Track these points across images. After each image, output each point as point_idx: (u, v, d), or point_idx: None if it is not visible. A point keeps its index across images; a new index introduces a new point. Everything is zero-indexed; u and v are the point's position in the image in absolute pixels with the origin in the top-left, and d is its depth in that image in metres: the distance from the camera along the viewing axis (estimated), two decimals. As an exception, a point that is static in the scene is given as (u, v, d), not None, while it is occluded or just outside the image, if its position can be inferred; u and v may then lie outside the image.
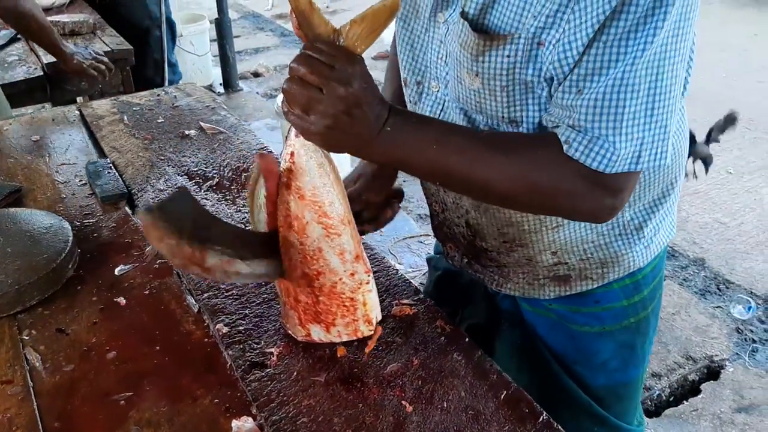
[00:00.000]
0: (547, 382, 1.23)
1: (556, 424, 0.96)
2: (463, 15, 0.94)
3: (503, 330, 1.29)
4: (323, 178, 0.96)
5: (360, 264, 1.01)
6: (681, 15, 0.83)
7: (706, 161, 2.84)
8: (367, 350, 1.09)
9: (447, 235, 1.25)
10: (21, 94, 2.63)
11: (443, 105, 1.08)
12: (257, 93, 5.70)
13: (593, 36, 0.83)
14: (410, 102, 1.15)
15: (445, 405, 1.00)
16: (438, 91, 1.08)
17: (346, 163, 3.61)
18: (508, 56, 0.91)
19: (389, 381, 1.04)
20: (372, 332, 1.06)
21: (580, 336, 1.20)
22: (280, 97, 4.09)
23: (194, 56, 5.45)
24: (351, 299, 1.03)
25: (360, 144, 0.87)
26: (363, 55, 0.88)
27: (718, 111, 5.07)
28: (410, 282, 1.25)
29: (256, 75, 6.14)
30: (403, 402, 1.00)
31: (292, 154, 0.96)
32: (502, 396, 1.01)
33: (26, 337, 1.16)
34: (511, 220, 1.10)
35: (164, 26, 3.64)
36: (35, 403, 1.03)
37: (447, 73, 1.04)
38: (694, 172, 2.93)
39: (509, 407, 0.99)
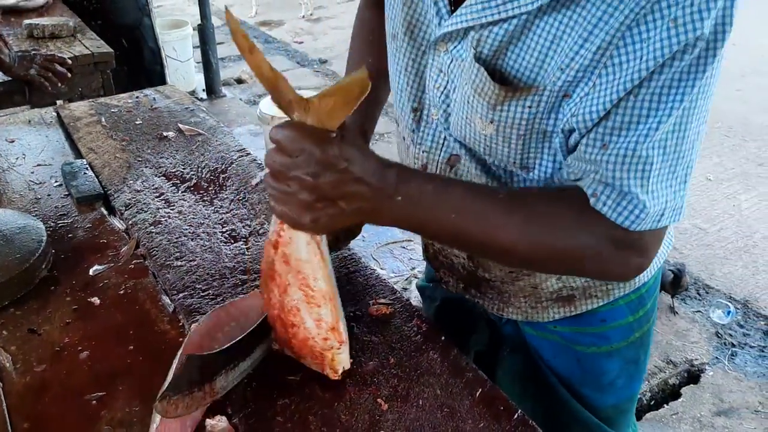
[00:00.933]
0: (553, 407, 1.20)
1: (531, 421, 0.95)
2: (477, 58, 0.87)
3: (504, 356, 1.25)
4: (310, 255, 0.92)
5: (334, 334, 0.97)
6: (714, 69, 0.77)
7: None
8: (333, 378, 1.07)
9: (443, 264, 1.20)
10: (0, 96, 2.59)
11: (445, 136, 1.02)
12: (240, 99, 5.68)
13: (626, 92, 0.78)
14: (407, 129, 1.09)
15: (421, 403, 0.99)
16: (437, 119, 1.02)
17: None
18: (530, 107, 0.86)
19: (365, 380, 1.04)
20: (338, 378, 1.03)
21: (587, 357, 1.17)
22: (263, 103, 4.08)
23: (177, 62, 5.43)
24: (321, 354, 1.00)
25: (364, 216, 0.84)
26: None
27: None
28: (386, 282, 1.25)
29: (240, 81, 6.13)
30: (379, 400, 1.00)
31: (281, 221, 0.91)
32: (478, 393, 1.00)
33: (-3, 338, 1.14)
34: None
35: (153, 14, 3.62)
36: (4, 404, 1.01)
37: (448, 106, 0.99)
38: (673, 306, 3.07)
39: (484, 404, 0.98)
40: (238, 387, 1.02)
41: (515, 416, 0.96)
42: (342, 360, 1.01)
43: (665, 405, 2.67)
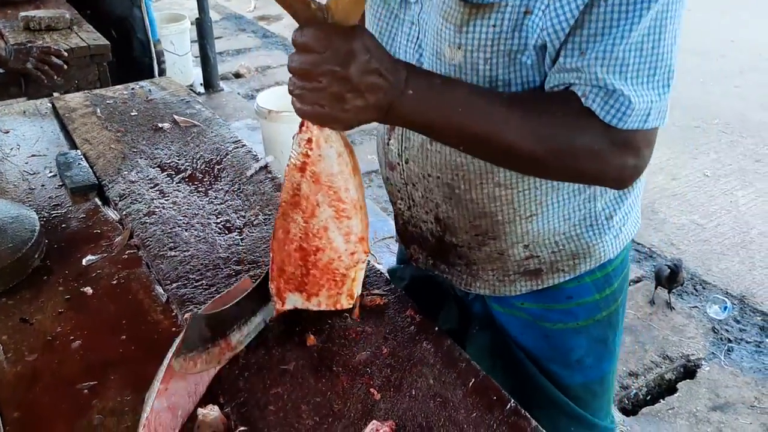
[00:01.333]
0: (522, 384, 1.21)
1: (523, 411, 0.95)
2: None
3: (473, 333, 1.26)
4: (341, 166, 0.93)
5: (362, 244, 0.98)
6: None
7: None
8: (355, 317, 1.12)
9: (413, 235, 1.22)
10: (-5, 88, 2.58)
11: None
12: (238, 93, 5.67)
13: None
14: None
15: (414, 392, 0.99)
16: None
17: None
18: (494, 26, 0.90)
19: (358, 369, 1.03)
20: (351, 305, 1.04)
21: (554, 334, 1.18)
22: (260, 97, 4.06)
23: (175, 56, 5.41)
24: (343, 275, 1.00)
25: (381, 113, 0.85)
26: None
27: (695, 114, 5.14)
28: (381, 273, 1.24)
29: (238, 76, 6.11)
30: (372, 390, 0.99)
31: (309, 140, 0.92)
32: (471, 384, 1.00)
33: (-12, 327, 1.14)
34: (485, 210, 1.08)
35: (144, 6, 3.60)
36: (-5, 393, 1.01)
37: (420, 56, 1.03)
38: (669, 301, 3.09)
39: (477, 395, 0.98)
40: (230, 376, 1.02)
41: (508, 406, 0.96)
42: (361, 279, 1.03)
43: (661, 400, 2.67)
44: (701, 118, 5.00)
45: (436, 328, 1.11)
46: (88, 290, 1.22)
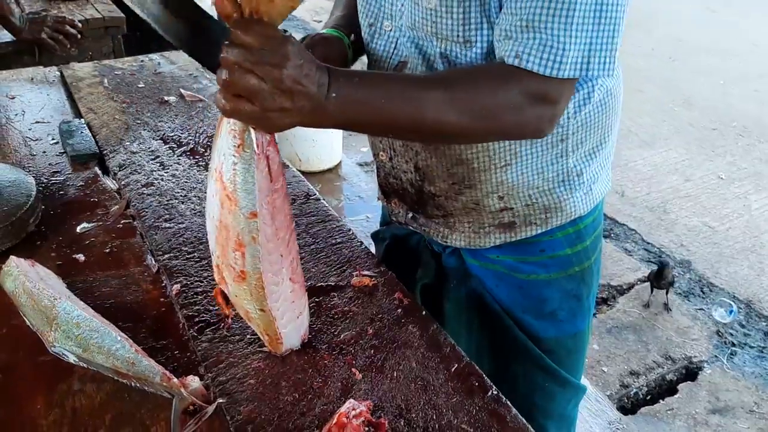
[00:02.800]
0: (499, 337, 1.25)
1: (504, 399, 0.94)
2: None
3: (451, 288, 1.29)
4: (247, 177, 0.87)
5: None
6: None
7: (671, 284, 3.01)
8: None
9: (393, 186, 1.25)
10: (9, 56, 2.59)
11: (396, 42, 1.10)
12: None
13: None
14: (365, 44, 1.17)
15: (395, 374, 0.98)
16: (390, 30, 1.10)
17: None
18: None
19: (341, 348, 1.03)
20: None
21: (528, 284, 1.22)
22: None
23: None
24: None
25: (306, 117, 0.85)
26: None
27: (713, 116, 5.08)
28: (372, 254, 1.24)
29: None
30: (353, 369, 0.99)
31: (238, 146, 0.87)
32: (453, 369, 0.99)
33: (-22, 288, 1.14)
34: (461, 157, 1.11)
35: None
36: (-22, 354, 1.01)
37: (402, 5, 1.06)
38: (666, 303, 3.07)
39: (459, 380, 0.97)
40: (212, 348, 1.02)
41: (489, 393, 0.95)
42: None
43: (661, 400, 2.65)
44: (719, 120, 4.93)
45: (423, 312, 1.10)
46: (80, 257, 1.22)
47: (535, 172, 1.13)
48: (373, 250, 1.40)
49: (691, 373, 2.76)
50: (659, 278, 2.99)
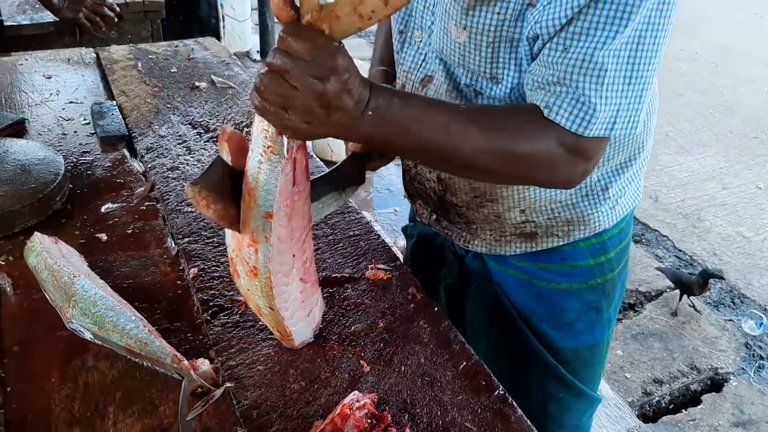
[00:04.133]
0: (515, 343, 1.24)
1: (510, 399, 0.93)
2: None
3: (472, 290, 1.29)
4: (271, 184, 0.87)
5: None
6: None
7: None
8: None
9: (418, 190, 1.24)
10: (50, 36, 2.64)
11: (425, 56, 1.08)
12: (292, 63, 5.69)
13: (588, 1, 0.83)
14: (395, 51, 1.16)
15: (403, 369, 0.98)
16: (421, 41, 1.08)
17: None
18: (498, 13, 0.92)
19: (351, 340, 1.03)
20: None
21: (547, 293, 1.20)
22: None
23: (234, 21, 5.47)
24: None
25: (340, 131, 0.85)
26: None
27: (755, 125, 4.96)
28: (389, 248, 1.23)
29: (294, 46, 6.13)
30: (362, 361, 0.99)
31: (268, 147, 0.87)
32: (461, 367, 0.98)
33: (2, 263, 1.17)
34: None
35: None
36: (-2, 325, 1.03)
37: (432, 23, 1.04)
38: (693, 304, 3.00)
39: (467, 378, 0.96)
40: (224, 333, 1.03)
41: (496, 392, 0.94)
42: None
43: (683, 410, 2.61)
44: (760, 128, 4.82)
45: (435, 308, 1.09)
46: (103, 237, 1.24)
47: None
48: (402, 243, 1.40)
49: (716, 384, 2.71)
50: (702, 287, 2.92)
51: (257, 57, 5.68)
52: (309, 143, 1.49)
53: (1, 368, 0.96)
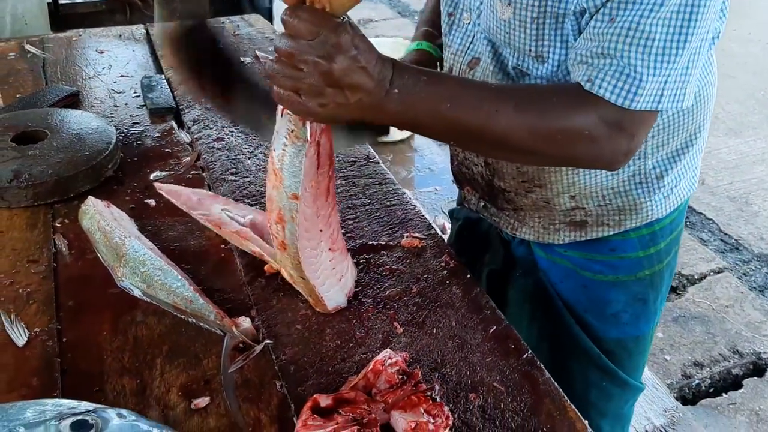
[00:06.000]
0: (558, 331, 1.24)
1: (538, 362, 0.96)
2: None
3: (517, 277, 1.29)
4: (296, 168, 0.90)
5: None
6: None
7: None
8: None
9: (466, 176, 1.24)
10: (102, 14, 2.73)
11: (473, 38, 1.07)
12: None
13: None
14: (443, 34, 1.15)
15: (435, 331, 1.01)
16: (469, 23, 1.07)
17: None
18: None
19: (386, 303, 1.07)
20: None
21: (593, 284, 1.19)
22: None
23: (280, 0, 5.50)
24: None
25: (364, 111, 0.83)
26: None
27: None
28: (425, 218, 1.26)
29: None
30: (395, 323, 1.02)
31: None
32: (491, 330, 1.01)
33: (58, 225, 1.24)
34: None
35: None
36: (54, 282, 1.10)
37: (481, 3, 1.04)
38: None
39: (496, 341, 0.99)
40: (265, 294, 1.07)
41: (524, 356, 0.97)
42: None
43: (724, 394, 2.58)
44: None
45: (468, 276, 1.12)
46: (152, 202, 1.30)
47: (608, 174, 1.08)
48: (441, 221, 1.41)
49: (758, 369, 2.68)
50: None
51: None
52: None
53: (57, 321, 1.02)
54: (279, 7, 4.29)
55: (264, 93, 1.00)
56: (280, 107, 0.89)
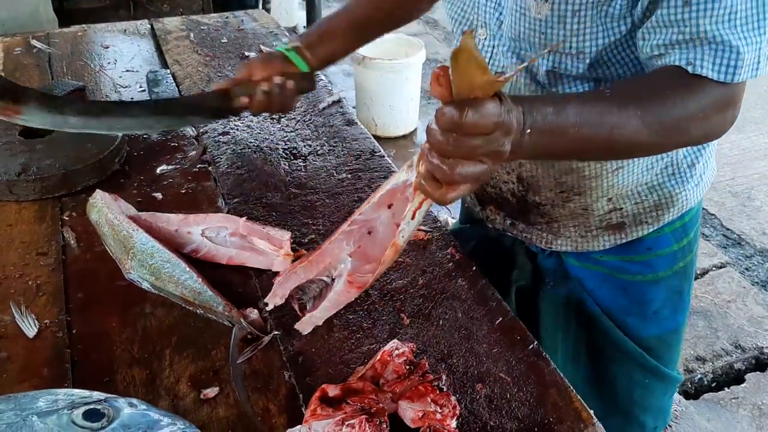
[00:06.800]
0: (597, 337, 1.23)
1: (544, 353, 0.96)
2: None
3: (548, 290, 1.27)
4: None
5: None
6: None
7: None
8: None
9: (491, 195, 1.22)
10: (107, 9, 2.74)
11: (491, 53, 1.07)
12: (339, 39, 5.71)
13: None
14: None
15: (441, 323, 1.02)
16: (485, 38, 1.06)
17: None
18: None
19: (392, 295, 1.07)
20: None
21: (633, 286, 1.19)
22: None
23: (281, -4, 5.51)
24: None
25: (499, 164, 0.83)
26: None
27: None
28: (430, 211, 1.26)
29: (341, 22, 6.15)
30: (402, 315, 1.03)
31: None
32: (497, 322, 1.02)
33: (66, 218, 1.25)
34: (571, 167, 1.08)
35: None
36: (63, 274, 1.11)
37: (500, 14, 1.03)
38: None
39: (502, 332, 1.00)
40: (272, 285, 1.08)
41: (530, 347, 0.98)
42: None
43: (726, 388, 2.59)
44: None
45: (474, 268, 1.13)
46: (159, 196, 1.31)
47: (645, 168, 1.09)
48: (444, 216, 1.39)
49: (761, 363, 2.68)
50: None
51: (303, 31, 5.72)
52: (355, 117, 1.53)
53: (67, 313, 1.03)
54: (276, 2, 4.23)
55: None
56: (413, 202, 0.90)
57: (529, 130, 0.80)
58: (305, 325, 1.01)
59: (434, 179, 0.79)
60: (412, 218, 0.91)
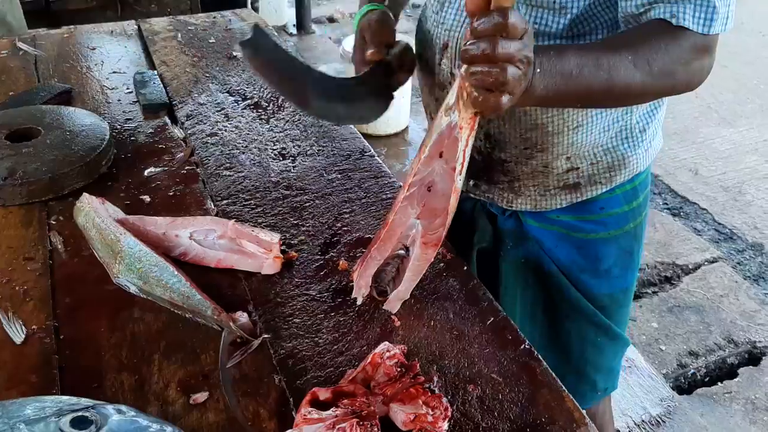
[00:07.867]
0: (553, 295, 1.29)
1: (536, 353, 0.96)
2: None
3: (507, 250, 1.32)
4: None
5: None
6: None
7: None
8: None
9: None
10: (93, 11, 2.72)
11: (465, 16, 1.09)
12: (329, 38, 5.71)
13: None
14: (431, 12, 1.17)
15: (432, 323, 1.01)
16: None
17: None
18: None
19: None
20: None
21: (587, 243, 1.25)
22: (347, 41, 4.08)
23: (270, -5, 5.49)
24: None
25: (520, 95, 0.85)
26: None
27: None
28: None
29: (331, 20, 6.14)
30: (393, 316, 1.03)
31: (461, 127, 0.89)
32: (489, 322, 1.01)
33: (53, 222, 1.23)
34: (536, 122, 1.12)
35: None
36: (51, 279, 1.09)
37: None
38: None
39: (493, 332, 1.00)
40: (263, 288, 1.07)
41: (522, 347, 0.97)
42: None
43: (719, 383, 2.60)
44: None
45: (465, 268, 1.12)
46: (146, 198, 1.30)
47: (602, 130, 1.15)
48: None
49: (753, 357, 2.69)
50: None
51: (293, 31, 5.70)
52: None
53: (55, 318, 1.02)
54: (264, 1, 4.22)
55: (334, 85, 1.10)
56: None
57: (538, 69, 0.85)
58: (393, 303, 1.03)
59: (486, 90, 0.81)
60: (464, 157, 0.91)
